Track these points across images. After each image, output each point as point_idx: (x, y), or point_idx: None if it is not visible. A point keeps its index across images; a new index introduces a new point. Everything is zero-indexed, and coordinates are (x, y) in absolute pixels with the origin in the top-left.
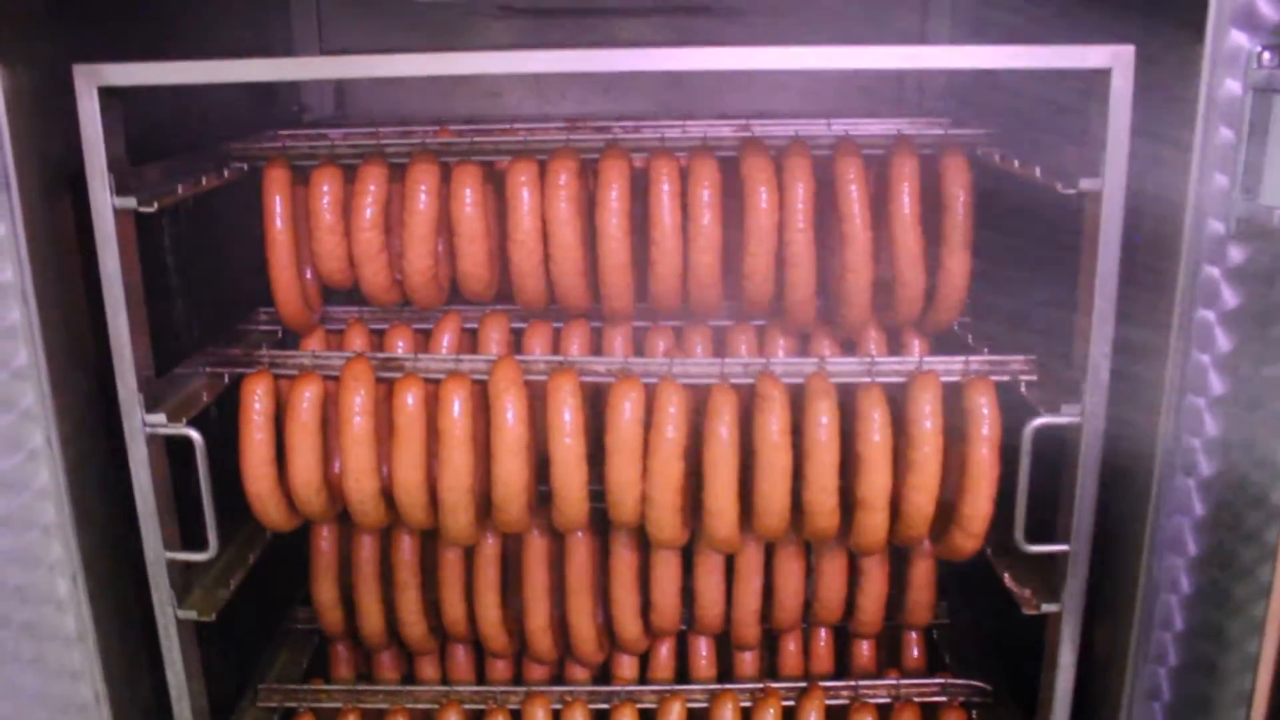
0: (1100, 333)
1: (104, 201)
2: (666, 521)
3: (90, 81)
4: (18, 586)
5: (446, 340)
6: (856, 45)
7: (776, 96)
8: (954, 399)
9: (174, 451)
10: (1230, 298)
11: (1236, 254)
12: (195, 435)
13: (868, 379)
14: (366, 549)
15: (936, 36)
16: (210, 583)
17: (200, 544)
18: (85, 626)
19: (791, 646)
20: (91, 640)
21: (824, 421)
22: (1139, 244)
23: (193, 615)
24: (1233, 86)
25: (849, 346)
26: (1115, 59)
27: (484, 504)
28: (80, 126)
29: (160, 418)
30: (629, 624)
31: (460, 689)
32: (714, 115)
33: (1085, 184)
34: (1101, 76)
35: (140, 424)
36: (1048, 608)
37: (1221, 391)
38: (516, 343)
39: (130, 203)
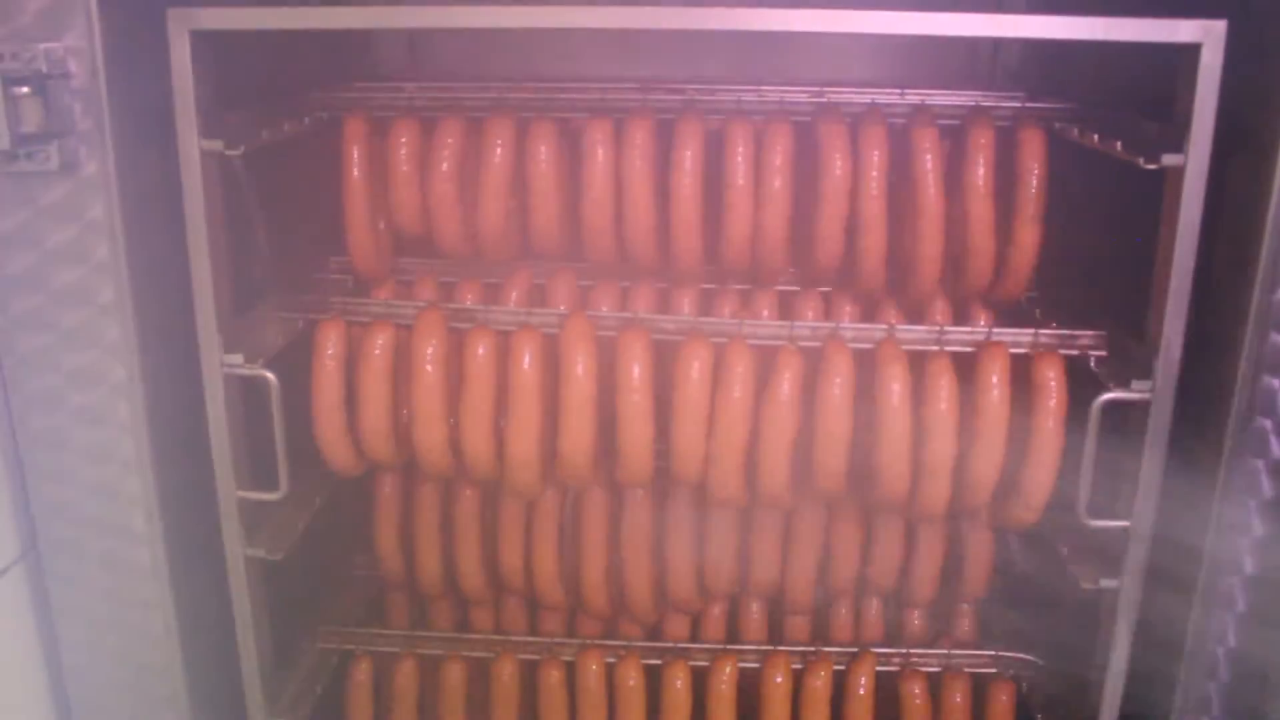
0: (1175, 310)
1: (191, 143)
2: (728, 482)
3: (183, 25)
4: (95, 518)
5: (515, 295)
6: (938, 12)
7: (848, 63)
8: (1019, 370)
9: (245, 393)
10: None
11: None
12: (271, 377)
13: (936, 347)
14: (429, 498)
15: (1012, 7)
16: (279, 523)
17: (270, 484)
18: (159, 560)
19: (843, 613)
20: (164, 574)
21: (896, 388)
22: (1219, 222)
23: (261, 553)
24: None
25: (914, 317)
26: (1206, 33)
27: (549, 457)
28: (171, 69)
29: (237, 358)
30: (684, 583)
31: (515, 639)
32: (787, 80)
33: (1168, 160)
34: (1190, 51)
35: (219, 364)
36: (1106, 583)
37: None
38: (584, 300)
39: (217, 145)
